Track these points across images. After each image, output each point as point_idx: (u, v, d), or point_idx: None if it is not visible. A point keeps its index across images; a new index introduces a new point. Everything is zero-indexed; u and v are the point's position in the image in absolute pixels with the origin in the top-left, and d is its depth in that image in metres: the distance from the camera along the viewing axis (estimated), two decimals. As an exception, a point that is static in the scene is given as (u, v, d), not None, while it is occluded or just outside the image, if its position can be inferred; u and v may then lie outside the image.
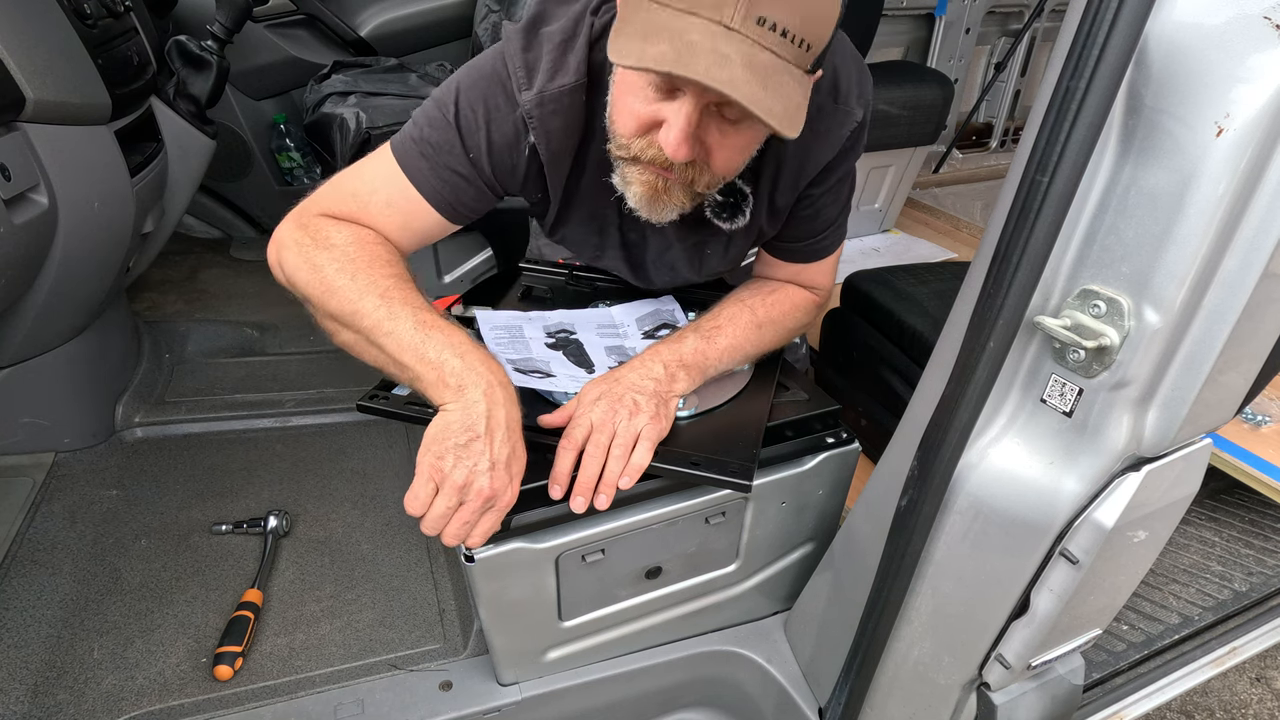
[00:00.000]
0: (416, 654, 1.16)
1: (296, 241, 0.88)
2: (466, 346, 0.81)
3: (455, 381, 0.78)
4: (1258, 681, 1.81)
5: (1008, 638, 0.84)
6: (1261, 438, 1.48)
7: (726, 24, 0.67)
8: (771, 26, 0.68)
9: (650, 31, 0.69)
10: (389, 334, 0.81)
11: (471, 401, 0.77)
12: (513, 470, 0.80)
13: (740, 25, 0.67)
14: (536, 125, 0.89)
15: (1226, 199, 0.56)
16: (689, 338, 0.98)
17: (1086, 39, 0.53)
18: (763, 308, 1.04)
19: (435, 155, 0.91)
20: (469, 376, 0.79)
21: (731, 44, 0.68)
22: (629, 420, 0.86)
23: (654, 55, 0.68)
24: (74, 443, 1.53)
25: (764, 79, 0.68)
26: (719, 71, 0.67)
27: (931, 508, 0.74)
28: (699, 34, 0.67)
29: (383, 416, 0.96)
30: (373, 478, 1.53)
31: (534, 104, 0.88)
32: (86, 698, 1.08)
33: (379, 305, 0.82)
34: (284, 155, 2.35)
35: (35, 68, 1.16)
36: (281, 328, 1.99)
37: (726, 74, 0.67)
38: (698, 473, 0.88)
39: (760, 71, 0.68)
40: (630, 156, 0.83)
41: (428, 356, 0.80)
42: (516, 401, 0.82)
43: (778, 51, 0.69)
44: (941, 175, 3.35)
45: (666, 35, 0.68)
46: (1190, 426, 0.69)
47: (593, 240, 1.07)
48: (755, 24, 0.67)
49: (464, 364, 0.79)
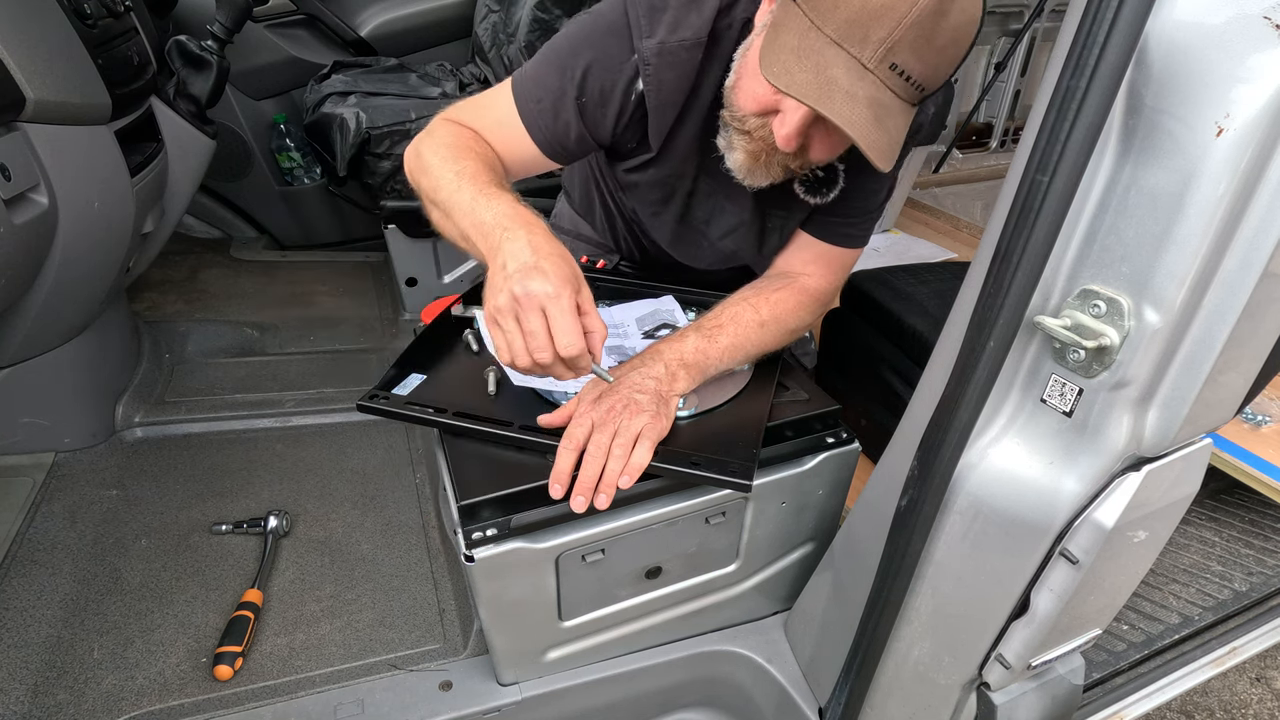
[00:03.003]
0: (416, 654, 1.16)
1: (418, 138, 0.97)
2: (518, 210, 0.82)
3: (499, 231, 0.79)
4: (1258, 681, 1.81)
5: (1008, 638, 0.84)
6: (1261, 438, 1.48)
7: (864, 63, 0.75)
8: (901, 72, 0.76)
9: (801, 55, 0.77)
10: (456, 205, 0.85)
11: (516, 239, 0.77)
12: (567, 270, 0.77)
13: (875, 67, 0.75)
14: (651, 73, 0.95)
15: (1226, 199, 0.56)
16: (690, 336, 0.98)
17: (1086, 39, 0.53)
18: (766, 306, 1.04)
19: (544, 96, 0.97)
20: (511, 224, 0.79)
21: (864, 84, 0.76)
22: (630, 420, 0.86)
23: (800, 84, 0.76)
24: (74, 443, 1.53)
25: (880, 117, 0.77)
26: (847, 111, 0.76)
27: (931, 508, 0.74)
28: (840, 69, 0.76)
29: (383, 416, 0.96)
30: (373, 478, 1.53)
31: (653, 53, 0.93)
32: (86, 698, 1.08)
33: (454, 179, 0.87)
34: (284, 155, 2.35)
35: (35, 68, 1.16)
36: (281, 328, 1.99)
37: (852, 114, 0.76)
38: (698, 473, 0.88)
39: (879, 109, 0.77)
40: (744, 129, 0.93)
41: (482, 219, 0.81)
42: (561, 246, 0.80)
43: (899, 93, 0.78)
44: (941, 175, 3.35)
45: (813, 64, 0.76)
46: (1190, 426, 0.69)
47: (656, 195, 1.13)
48: (889, 68, 0.76)
49: (510, 216, 0.80)
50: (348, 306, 2.15)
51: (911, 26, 0.73)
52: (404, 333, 2.04)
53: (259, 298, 2.12)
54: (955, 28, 0.75)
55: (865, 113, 0.76)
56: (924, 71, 0.77)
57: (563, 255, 0.77)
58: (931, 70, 0.78)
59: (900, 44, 0.74)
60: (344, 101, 2.00)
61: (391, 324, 2.08)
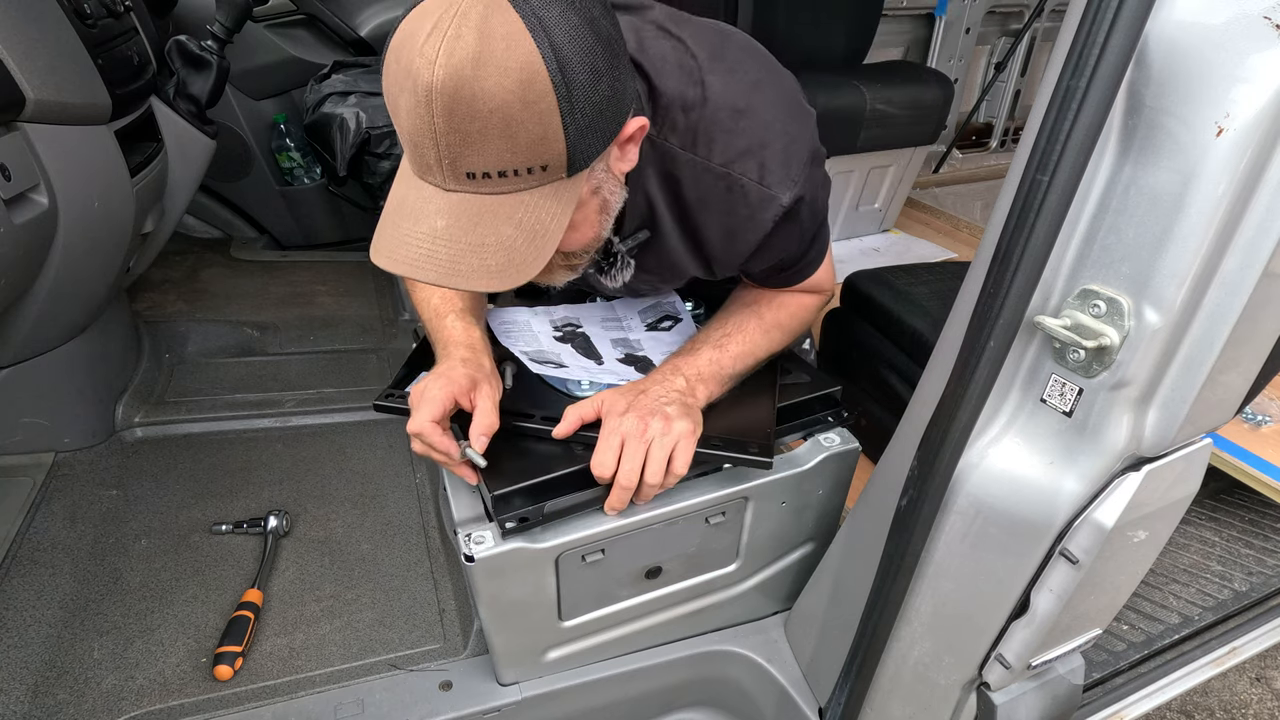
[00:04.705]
0: (416, 654, 1.16)
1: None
2: (448, 335, 0.97)
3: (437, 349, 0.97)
4: (1258, 681, 1.81)
5: (1008, 638, 0.84)
6: (1261, 438, 1.48)
7: (445, 188, 0.69)
8: (484, 176, 0.68)
9: (389, 212, 0.73)
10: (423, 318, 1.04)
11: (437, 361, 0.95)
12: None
13: (458, 186, 0.69)
14: None
15: (1226, 199, 0.56)
16: (702, 350, 0.99)
17: (1086, 39, 0.53)
18: (769, 311, 1.05)
19: None
20: (439, 349, 0.97)
21: (450, 207, 0.70)
22: (665, 427, 0.87)
23: (377, 250, 0.73)
24: (74, 443, 1.53)
25: (480, 227, 0.70)
26: (409, 253, 0.70)
27: (931, 508, 0.74)
28: (431, 208, 0.70)
29: (401, 415, 0.97)
30: (373, 478, 1.53)
31: None
32: (86, 698, 1.08)
33: (422, 306, 1.05)
34: (284, 155, 2.35)
35: (35, 68, 1.16)
36: (281, 328, 1.99)
37: (420, 256, 0.70)
38: (722, 453, 0.91)
39: (480, 219, 0.70)
40: None
41: (434, 340, 1.00)
42: (460, 378, 0.90)
43: (503, 191, 0.70)
44: (941, 175, 3.35)
45: (390, 223, 0.73)
46: (1190, 426, 0.69)
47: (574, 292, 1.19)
48: (468, 178, 0.68)
49: (439, 343, 0.97)
50: (348, 306, 2.15)
51: (446, 135, 0.65)
52: (404, 333, 2.03)
53: (259, 298, 2.12)
54: (489, 111, 0.64)
55: (443, 246, 0.70)
56: (508, 160, 0.67)
57: (447, 377, 0.89)
58: (511, 152, 0.67)
59: (456, 156, 0.67)
60: (344, 101, 1.99)
61: (391, 324, 2.08)
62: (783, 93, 0.91)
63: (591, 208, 0.80)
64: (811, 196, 0.91)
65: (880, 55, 2.93)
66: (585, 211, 0.79)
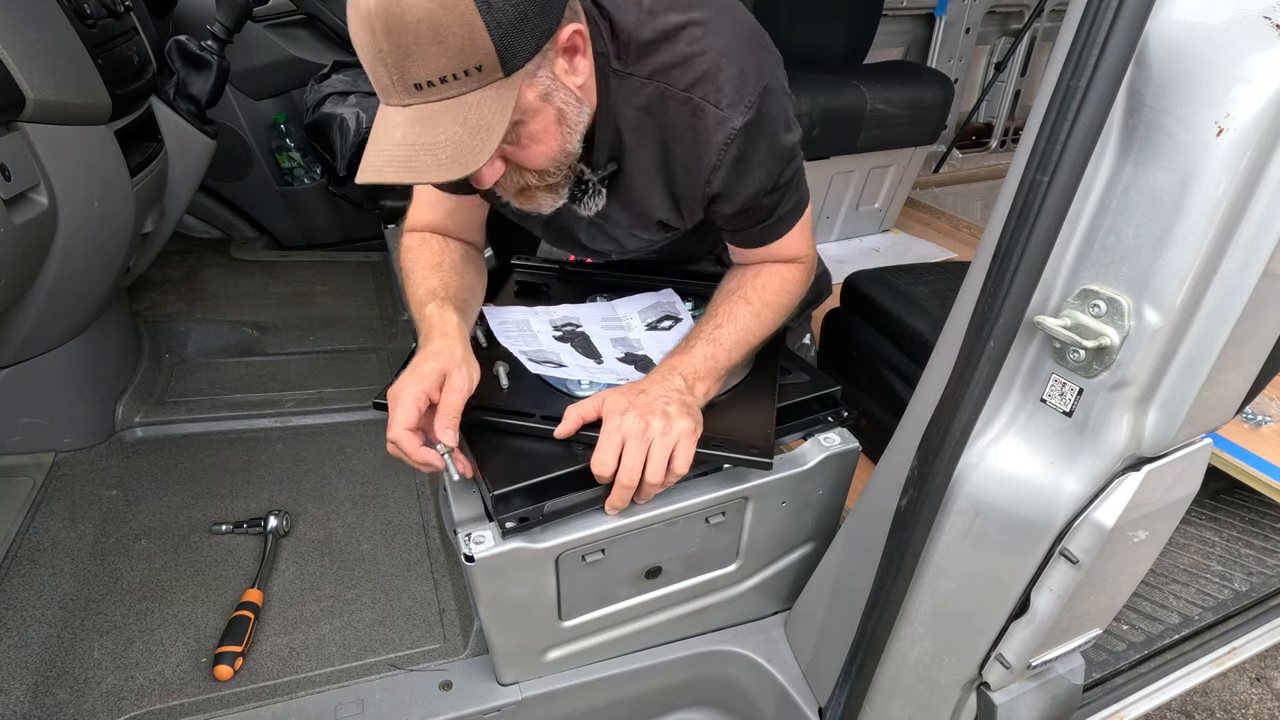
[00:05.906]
0: (416, 654, 1.16)
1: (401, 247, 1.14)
2: (428, 323, 0.97)
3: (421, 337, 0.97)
4: (1258, 681, 1.81)
5: (1008, 637, 0.84)
6: (1261, 438, 1.48)
7: (402, 104, 0.77)
8: (429, 84, 0.75)
9: (369, 142, 0.80)
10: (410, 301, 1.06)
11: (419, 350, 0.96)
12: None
13: (411, 99, 0.77)
14: None
15: (1226, 199, 0.56)
16: (697, 346, 0.99)
17: (1086, 39, 0.53)
18: (755, 293, 1.05)
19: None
20: (422, 336, 0.98)
21: (407, 119, 0.77)
22: (666, 427, 0.87)
23: (360, 172, 0.80)
24: (74, 443, 1.53)
25: (433, 129, 0.77)
26: (374, 162, 0.79)
27: (931, 508, 0.74)
28: (393, 124, 0.78)
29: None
30: (373, 478, 1.53)
31: None
32: (86, 698, 1.08)
33: (410, 289, 1.07)
34: (284, 155, 2.35)
35: (35, 68, 1.16)
36: (281, 328, 1.99)
37: (383, 162, 0.78)
38: (721, 453, 0.91)
39: (432, 123, 0.77)
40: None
41: (418, 325, 1.01)
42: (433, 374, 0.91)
43: (448, 96, 0.77)
44: (941, 175, 3.35)
45: (367, 149, 0.80)
46: (1190, 426, 0.69)
47: (551, 235, 1.22)
48: (416, 89, 0.76)
49: (423, 331, 0.98)
50: (348, 306, 2.15)
51: (390, 53, 0.73)
52: (404, 333, 2.04)
53: (259, 298, 2.12)
54: (417, 21, 0.72)
55: (402, 150, 0.77)
56: (445, 65, 0.74)
57: (417, 374, 0.89)
58: (446, 57, 0.74)
59: (402, 70, 0.74)
60: (344, 101, 2.00)
61: (391, 324, 2.08)
62: (738, 28, 0.96)
63: (548, 117, 0.85)
64: (771, 130, 0.95)
65: (880, 55, 2.93)
66: (543, 121, 0.85)
